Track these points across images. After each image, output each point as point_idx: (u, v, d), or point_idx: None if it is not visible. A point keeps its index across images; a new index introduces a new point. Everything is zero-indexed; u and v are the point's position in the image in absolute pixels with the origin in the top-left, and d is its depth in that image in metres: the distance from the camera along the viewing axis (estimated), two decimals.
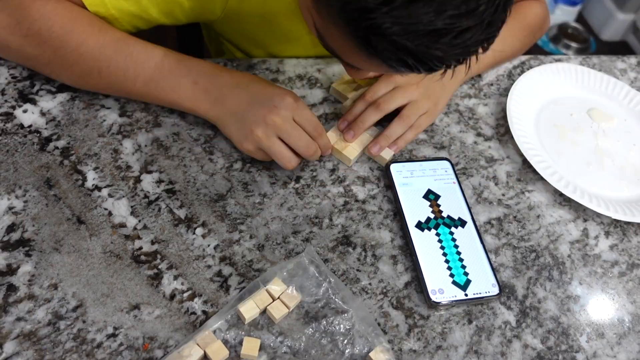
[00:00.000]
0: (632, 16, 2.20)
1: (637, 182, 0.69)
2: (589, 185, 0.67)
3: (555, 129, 0.73)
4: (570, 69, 0.79)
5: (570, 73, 0.79)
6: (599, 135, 0.74)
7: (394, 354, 0.51)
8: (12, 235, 0.54)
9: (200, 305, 0.52)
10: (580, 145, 0.72)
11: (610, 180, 0.69)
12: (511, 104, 0.71)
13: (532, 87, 0.75)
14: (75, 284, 0.52)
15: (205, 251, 0.56)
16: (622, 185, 0.69)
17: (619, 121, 0.76)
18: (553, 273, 0.59)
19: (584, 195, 0.64)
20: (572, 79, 0.79)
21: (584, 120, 0.75)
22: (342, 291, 0.53)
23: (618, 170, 0.70)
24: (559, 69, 0.78)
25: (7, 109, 0.63)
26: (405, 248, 0.59)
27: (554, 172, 0.66)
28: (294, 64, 0.74)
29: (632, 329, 0.56)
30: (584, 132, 0.74)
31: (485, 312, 0.55)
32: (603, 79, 0.79)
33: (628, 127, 0.76)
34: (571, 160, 0.70)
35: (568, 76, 0.79)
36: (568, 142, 0.72)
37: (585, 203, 0.63)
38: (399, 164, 0.64)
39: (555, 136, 0.72)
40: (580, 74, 0.79)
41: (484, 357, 0.52)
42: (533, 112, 0.74)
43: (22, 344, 0.48)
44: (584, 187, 0.66)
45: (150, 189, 0.59)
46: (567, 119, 0.75)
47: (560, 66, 0.79)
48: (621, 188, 0.68)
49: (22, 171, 0.59)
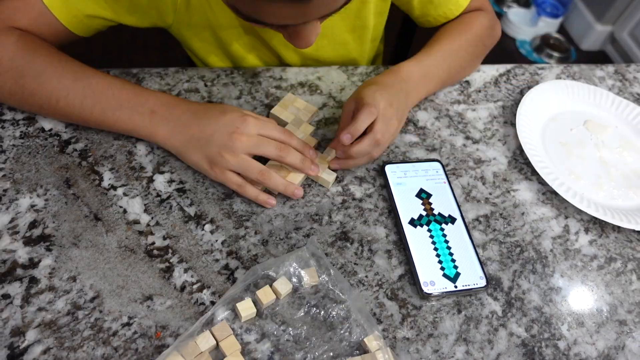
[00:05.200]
0: (610, 28, 2.20)
1: None
2: (603, 199, 0.66)
3: (562, 147, 0.72)
4: (565, 85, 0.77)
5: (564, 89, 0.77)
6: (600, 147, 0.72)
7: (388, 342, 0.51)
8: (34, 231, 0.54)
9: (209, 297, 0.52)
10: (588, 161, 0.71)
11: (620, 189, 0.68)
12: (519, 123, 0.70)
13: (535, 107, 0.74)
14: (92, 276, 0.52)
15: (214, 246, 0.56)
16: (630, 194, 0.68)
17: (612, 129, 0.75)
18: (536, 266, 0.59)
19: (623, 217, 0.63)
20: (566, 94, 0.77)
21: (583, 134, 0.74)
22: (341, 283, 0.53)
23: (623, 179, 0.69)
24: (554, 85, 0.76)
25: (30, 114, 0.63)
26: (399, 243, 0.59)
27: (569, 189, 0.65)
28: (296, 72, 0.74)
29: (610, 319, 0.56)
30: (586, 146, 0.72)
31: (473, 303, 0.55)
32: (590, 90, 0.77)
33: (620, 132, 0.75)
34: (586, 178, 0.68)
35: (563, 92, 0.77)
36: (574, 158, 0.70)
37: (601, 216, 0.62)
38: (394, 165, 0.64)
39: (563, 154, 0.71)
40: (571, 88, 0.77)
41: (472, 344, 0.52)
42: (538, 130, 0.72)
43: (43, 332, 0.48)
44: (597, 200, 0.66)
45: (162, 188, 0.59)
46: (569, 134, 0.73)
47: (555, 83, 0.77)
48: (631, 197, 0.67)
49: (43, 172, 0.59)
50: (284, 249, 0.56)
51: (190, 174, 0.61)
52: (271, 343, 0.49)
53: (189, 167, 0.61)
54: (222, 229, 0.57)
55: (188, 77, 0.71)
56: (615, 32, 2.19)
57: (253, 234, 0.57)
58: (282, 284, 0.52)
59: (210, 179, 0.60)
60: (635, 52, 2.10)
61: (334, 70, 0.75)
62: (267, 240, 0.57)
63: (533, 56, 2.20)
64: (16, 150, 0.60)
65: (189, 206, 0.58)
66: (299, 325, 0.51)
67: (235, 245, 0.56)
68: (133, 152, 0.62)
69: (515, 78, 0.80)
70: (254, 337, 0.50)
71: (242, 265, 0.54)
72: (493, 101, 0.76)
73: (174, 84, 0.69)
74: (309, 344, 0.50)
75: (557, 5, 2.28)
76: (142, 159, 0.61)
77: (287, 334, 0.50)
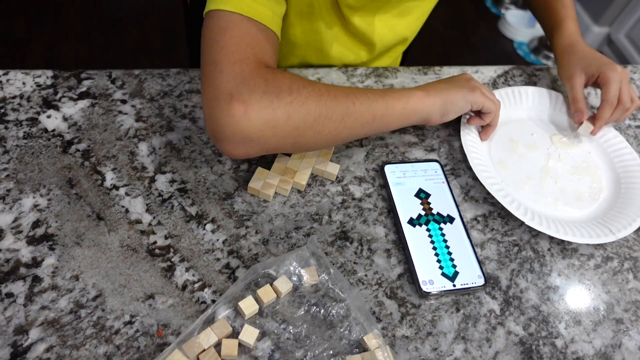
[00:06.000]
0: (607, 29, 2.20)
1: (574, 204, 0.65)
2: (525, 199, 0.64)
3: (510, 142, 0.70)
4: (548, 94, 0.75)
5: (547, 97, 0.75)
6: (552, 157, 0.70)
7: (387, 340, 0.51)
8: (37, 231, 0.54)
9: (210, 295, 0.52)
10: (528, 162, 0.68)
11: (546, 197, 0.65)
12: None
13: (515, 101, 0.73)
14: (95, 275, 0.52)
15: (215, 245, 0.56)
16: (557, 205, 0.64)
17: (582, 152, 0.72)
18: (534, 265, 0.59)
19: (527, 212, 0.60)
20: (549, 102, 0.75)
21: (543, 142, 0.71)
22: (341, 282, 0.53)
23: (558, 192, 0.66)
24: (536, 91, 0.75)
25: (33, 114, 0.63)
26: (398, 242, 0.59)
27: (500, 189, 0.62)
28: (296, 73, 0.74)
29: (607, 317, 0.56)
30: (538, 151, 0.70)
31: (471, 301, 0.55)
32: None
33: (592, 159, 0.71)
34: (514, 172, 0.67)
35: (545, 99, 0.75)
36: (516, 155, 0.69)
37: (528, 221, 0.59)
38: (393, 165, 0.64)
39: (507, 148, 0.69)
40: (555, 98, 0.75)
41: (471, 342, 0.52)
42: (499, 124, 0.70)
43: (46, 330, 0.48)
44: (521, 199, 0.63)
45: (164, 188, 0.59)
46: (526, 136, 0.71)
47: (538, 89, 0.75)
48: (556, 207, 0.64)
49: (46, 172, 0.59)
50: (284, 248, 0.56)
51: (192, 174, 0.61)
52: (272, 341, 0.49)
53: (190, 167, 0.61)
54: (223, 229, 0.57)
55: (189, 78, 0.71)
56: (612, 33, 2.19)
57: (254, 233, 0.57)
58: (282, 282, 0.52)
59: (210, 180, 0.60)
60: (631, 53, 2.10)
61: (334, 72, 0.75)
62: (268, 240, 0.57)
63: (531, 57, 2.20)
64: (19, 150, 0.60)
65: (191, 206, 0.58)
66: (299, 323, 0.51)
67: (236, 244, 0.56)
68: (135, 153, 0.62)
69: (513, 79, 0.81)
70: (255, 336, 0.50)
71: (243, 265, 0.54)
72: None
73: (176, 85, 0.69)
74: (309, 342, 0.50)
75: None
76: (144, 159, 0.61)
77: (287, 332, 0.50)
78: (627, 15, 2.09)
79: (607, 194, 0.67)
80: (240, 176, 0.61)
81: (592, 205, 0.66)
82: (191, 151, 0.63)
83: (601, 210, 0.65)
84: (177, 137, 0.64)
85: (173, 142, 0.63)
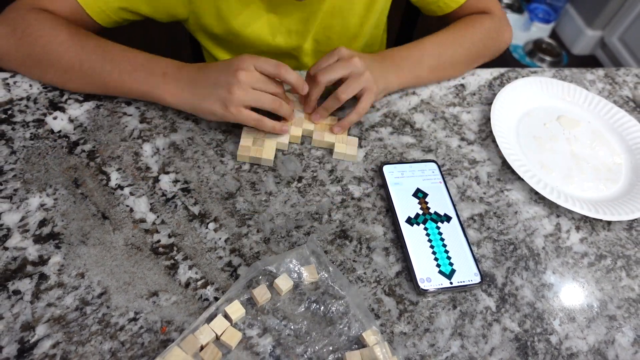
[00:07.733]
0: (600, 33, 2.20)
1: (613, 179, 0.69)
2: (574, 190, 0.67)
3: (535, 141, 0.72)
4: (540, 82, 0.78)
5: (540, 85, 0.78)
6: (572, 141, 0.73)
7: (386, 336, 0.51)
8: (43, 230, 0.54)
9: (213, 293, 0.52)
10: (559, 154, 0.71)
11: (590, 182, 0.68)
12: (494, 116, 0.70)
13: (511, 100, 0.74)
14: (100, 273, 0.52)
15: (217, 244, 0.56)
16: (600, 186, 0.68)
17: (585, 124, 0.76)
18: (529, 263, 0.59)
19: (560, 196, 0.64)
20: (542, 90, 0.78)
21: (556, 128, 0.75)
22: (340, 280, 0.53)
23: (594, 172, 0.70)
24: (529, 82, 0.78)
25: (39, 116, 0.63)
26: (396, 241, 0.59)
27: (533, 175, 0.65)
28: None
29: (600, 314, 0.56)
30: (559, 140, 0.73)
31: (468, 299, 0.55)
32: (564, 86, 0.78)
33: (592, 127, 0.76)
34: (554, 169, 0.69)
35: (538, 88, 0.78)
36: (547, 152, 0.71)
37: (562, 203, 0.62)
38: (391, 166, 0.64)
39: (535, 147, 0.71)
40: (546, 85, 0.78)
41: (467, 339, 0.52)
42: (513, 124, 0.73)
43: (53, 327, 0.48)
44: (567, 191, 0.66)
45: (167, 188, 0.59)
46: (543, 129, 0.74)
47: (530, 79, 0.78)
48: (600, 189, 0.68)
49: (52, 172, 0.59)
50: (285, 246, 0.56)
51: (195, 174, 0.61)
52: (272, 337, 0.49)
53: (193, 167, 0.61)
54: (225, 227, 0.57)
55: None
56: (605, 37, 2.19)
57: (255, 232, 0.57)
58: (283, 280, 0.52)
59: (212, 180, 0.60)
60: (624, 56, 2.10)
61: None
62: (269, 238, 0.57)
63: (526, 60, 2.20)
64: (26, 151, 0.60)
65: (193, 205, 0.58)
66: (299, 320, 0.51)
67: (238, 243, 0.56)
68: (139, 153, 0.62)
69: (508, 81, 0.80)
70: (256, 332, 0.50)
71: (245, 263, 0.54)
72: (487, 104, 0.76)
73: None
74: (309, 339, 0.50)
75: (549, 11, 2.28)
76: (148, 160, 0.61)
77: (288, 329, 0.50)
78: (621, 18, 2.09)
79: (624, 159, 0.72)
80: (241, 176, 0.61)
81: (618, 179, 0.70)
82: (194, 152, 0.63)
83: (627, 185, 0.69)
84: (181, 138, 0.64)
85: (176, 142, 0.63)
